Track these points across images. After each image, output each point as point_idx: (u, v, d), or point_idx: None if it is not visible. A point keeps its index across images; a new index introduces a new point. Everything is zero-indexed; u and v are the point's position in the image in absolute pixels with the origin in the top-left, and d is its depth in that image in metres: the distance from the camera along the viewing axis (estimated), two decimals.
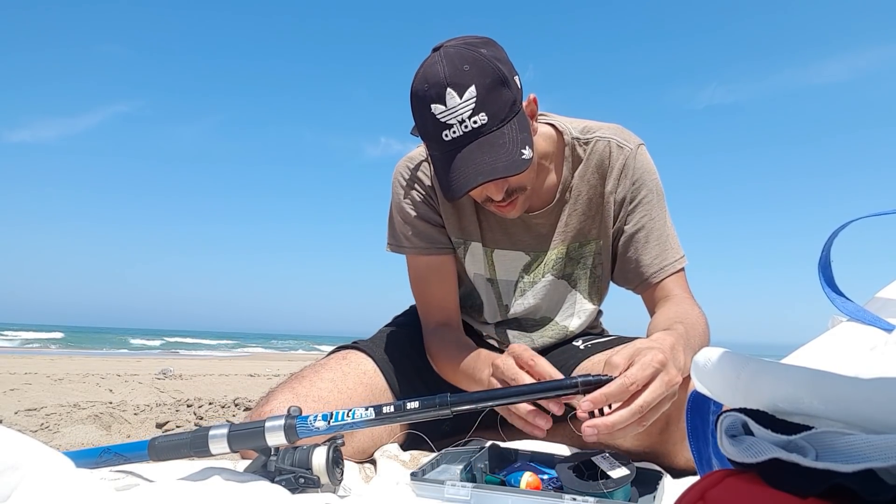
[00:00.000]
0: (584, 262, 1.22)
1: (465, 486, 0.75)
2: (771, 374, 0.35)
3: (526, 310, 1.26)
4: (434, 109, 0.95)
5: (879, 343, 0.47)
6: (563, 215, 1.19)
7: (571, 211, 1.19)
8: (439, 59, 0.96)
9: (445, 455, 0.92)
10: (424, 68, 0.98)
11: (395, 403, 0.78)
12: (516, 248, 1.22)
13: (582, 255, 1.21)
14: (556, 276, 1.22)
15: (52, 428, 1.96)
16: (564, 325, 1.27)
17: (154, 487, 0.75)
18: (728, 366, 0.39)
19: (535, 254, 1.21)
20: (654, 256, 1.14)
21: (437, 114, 0.95)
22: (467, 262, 1.24)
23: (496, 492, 0.75)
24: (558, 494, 0.73)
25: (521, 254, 1.22)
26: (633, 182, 1.15)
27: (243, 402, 2.74)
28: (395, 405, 0.77)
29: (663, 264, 1.14)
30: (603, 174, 1.17)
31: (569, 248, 1.21)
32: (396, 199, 1.22)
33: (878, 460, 0.28)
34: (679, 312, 1.03)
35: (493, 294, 1.26)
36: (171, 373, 5.75)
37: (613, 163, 1.16)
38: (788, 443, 0.32)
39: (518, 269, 1.23)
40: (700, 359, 0.42)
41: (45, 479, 0.65)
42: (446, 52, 0.97)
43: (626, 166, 1.15)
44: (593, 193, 1.18)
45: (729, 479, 0.34)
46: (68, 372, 5.03)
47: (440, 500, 0.76)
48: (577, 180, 1.18)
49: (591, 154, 1.17)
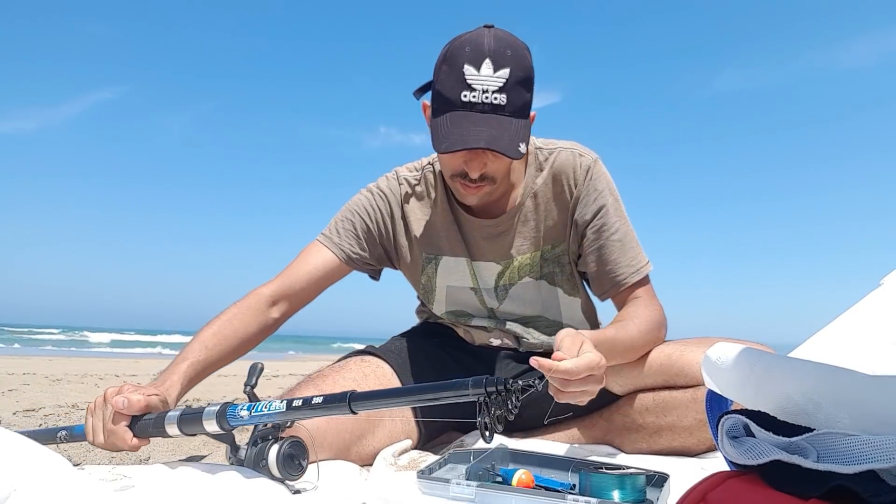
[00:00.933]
0: (558, 261, 1.25)
1: (469, 485, 0.76)
2: (786, 369, 0.35)
3: (511, 311, 1.28)
4: (465, 69, 1.00)
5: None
6: (529, 221, 1.22)
7: (538, 216, 1.22)
8: (487, 33, 1.03)
9: (454, 455, 0.93)
10: (470, 35, 1.03)
11: (304, 398, 0.78)
12: (486, 258, 1.24)
13: (556, 255, 1.24)
14: (535, 278, 1.25)
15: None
16: (555, 320, 1.30)
17: (153, 487, 0.75)
18: (741, 361, 0.38)
19: (506, 262, 1.24)
20: (623, 264, 1.18)
21: (466, 74, 1.00)
22: (439, 277, 1.27)
23: (501, 491, 0.76)
24: (561, 494, 0.74)
25: (492, 264, 1.25)
26: (597, 189, 1.19)
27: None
28: (303, 399, 0.78)
29: (631, 271, 1.18)
30: (567, 180, 1.20)
31: (542, 251, 1.24)
32: (351, 206, 1.27)
33: (878, 461, 0.28)
34: (623, 314, 1.14)
35: (477, 300, 1.29)
36: None
37: (577, 169, 1.20)
38: (789, 444, 0.32)
39: (493, 276, 1.25)
40: (712, 354, 0.42)
41: (44, 479, 0.65)
42: (496, 32, 1.03)
43: (588, 173, 1.20)
44: (559, 199, 1.21)
45: (730, 481, 0.34)
46: (66, 372, 5.03)
47: (446, 498, 0.77)
48: (542, 187, 1.21)
49: (555, 162, 1.21)
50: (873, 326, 0.48)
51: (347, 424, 1.03)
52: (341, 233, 1.25)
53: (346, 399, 0.73)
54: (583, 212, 1.20)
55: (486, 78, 0.99)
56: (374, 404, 0.72)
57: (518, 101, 1.02)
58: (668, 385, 1.13)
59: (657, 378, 1.14)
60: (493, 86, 0.99)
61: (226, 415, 0.81)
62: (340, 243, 1.24)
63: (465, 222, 1.23)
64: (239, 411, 0.79)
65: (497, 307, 1.28)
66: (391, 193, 1.26)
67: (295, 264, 1.24)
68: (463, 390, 0.71)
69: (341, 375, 1.11)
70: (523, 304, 1.27)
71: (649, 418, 1.14)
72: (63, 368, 5.83)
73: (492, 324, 1.29)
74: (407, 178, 1.27)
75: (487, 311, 1.29)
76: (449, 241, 1.25)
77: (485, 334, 1.30)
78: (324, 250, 1.24)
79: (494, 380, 0.70)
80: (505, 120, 1.00)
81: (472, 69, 1.00)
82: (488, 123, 0.99)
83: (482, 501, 0.76)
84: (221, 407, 0.81)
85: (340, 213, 1.28)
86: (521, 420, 1.26)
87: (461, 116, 1.00)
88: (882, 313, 0.48)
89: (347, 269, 1.26)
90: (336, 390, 1.06)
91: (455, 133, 1.00)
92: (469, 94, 1.00)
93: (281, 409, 0.75)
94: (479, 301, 1.28)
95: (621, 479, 0.77)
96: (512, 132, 1.00)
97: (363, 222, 1.25)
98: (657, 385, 1.15)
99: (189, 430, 0.82)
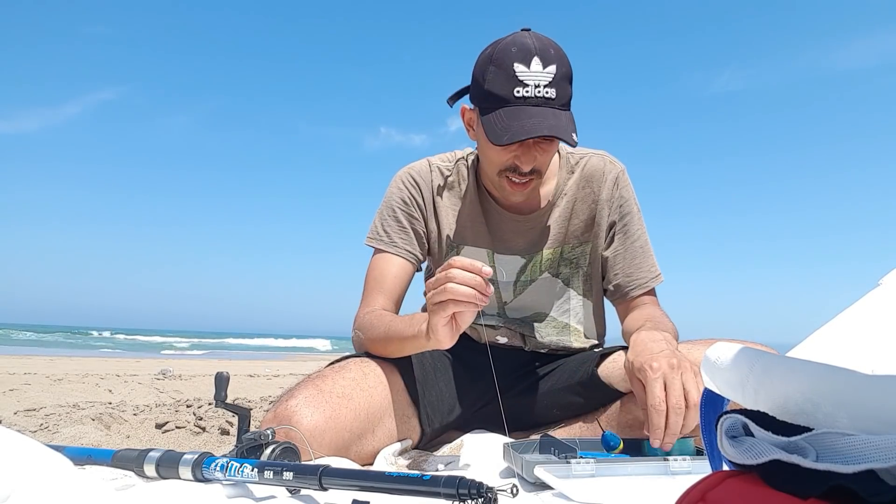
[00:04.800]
0: (577, 262, 1.28)
1: (588, 462, 0.81)
2: (785, 369, 0.35)
3: (523, 306, 1.30)
4: (516, 67, 1.04)
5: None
6: (558, 218, 1.26)
7: (566, 215, 1.26)
8: (529, 35, 1.08)
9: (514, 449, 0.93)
10: (513, 37, 1.08)
11: (275, 468, 0.73)
12: (512, 252, 1.27)
13: (576, 256, 1.27)
14: (552, 275, 1.28)
15: (52, 428, 1.96)
16: (562, 320, 1.31)
17: (153, 487, 0.75)
18: (740, 361, 0.38)
19: (530, 255, 1.27)
20: (644, 269, 1.25)
21: (517, 71, 1.04)
22: None
23: (617, 463, 0.84)
24: (664, 459, 0.85)
25: (517, 257, 1.27)
26: (623, 197, 1.26)
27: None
28: (273, 469, 0.73)
29: (648, 278, 1.24)
30: (598, 184, 1.26)
31: (563, 250, 1.27)
32: (388, 200, 1.29)
33: (878, 461, 0.28)
34: (646, 314, 1.17)
35: (493, 294, 1.29)
36: (171, 373, 5.75)
37: (607, 175, 1.26)
38: (789, 444, 0.32)
39: (515, 270, 1.28)
40: (711, 354, 0.42)
41: (45, 479, 0.65)
42: (536, 34, 1.08)
43: (618, 179, 1.26)
44: (588, 200, 1.26)
45: (729, 480, 0.34)
46: (67, 372, 5.03)
47: (567, 477, 0.80)
48: (572, 187, 1.26)
49: (586, 166, 1.27)
50: (872, 326, 0.48)
51: (347, 423, 1.03)
52: (394, 236, 1.27)
53: (318, 474, 0.71)
54: (610, 216, 1.25)
55: (537, 74, 1.04)
56: (344, 483, 0.69)
57: (565, 96, 1.07)
58: None
59: None
60: (544, 80, 1.04)
61: (201, 467, 0.79)
62: (404, 247, 1.27)
63: (493, 216, 1.27)
64: (213, 469, 0.77)
65: (510, 301, 1.29)
66: (423, 182, 1.29)
67: (381, 279, 1.25)
68: (434, 488, 0.65)
69: (341, 375, 1.11)
70: (536, 300, 1.29)
71: None
72: (64, 368, 5.83)
73: (500, 321, 1.30)
74: (440, 168, 1.30)
75: (499, 306, 1.31)
76: (473, 231, 1.27)
77: (492, 332, 1.31)
78: (394, 258, 1.26)
79: (468, 483, 0.64)
80: (557, 112, 1.05)
81: (522, 66, 1.04)
82: (544, 115, 1.04)
83: (601, 474, 0.82)
84: (198, 457, 0.79)
85: (383, 210, 1.30)
86: (521, 420, 1.27)
87: (516, 111, 1.04)
88: (881, 313, 0.48)
89: (414, 266, 1.30)
90: (336, 389, 1.07)
91: (515, 125, 1.03)
92: (522, 89, 1.04)
93: (253, 477, 0.74)
94: (495, 295, 1.30)
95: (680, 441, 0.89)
96: (565, 122, 1.05)
97: (408, 215, 1.28)
98: None
99: (165, 472, 0.81)
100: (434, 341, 0.94)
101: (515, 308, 1.30)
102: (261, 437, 0.84)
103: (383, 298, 1.23)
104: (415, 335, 1.02)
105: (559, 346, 1.31)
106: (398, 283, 1.25)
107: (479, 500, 0.63)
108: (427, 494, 0.65)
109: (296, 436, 0.95)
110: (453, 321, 0.92)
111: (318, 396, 1.03)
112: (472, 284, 0.87)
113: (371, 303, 1.23)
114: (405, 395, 1.18)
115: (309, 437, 0.96)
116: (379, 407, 1.10)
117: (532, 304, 1.29)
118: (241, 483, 0.75)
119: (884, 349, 0.43)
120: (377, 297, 1.23)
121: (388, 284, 1.24)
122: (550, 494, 0.79)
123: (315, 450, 0.96)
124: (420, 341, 1.00)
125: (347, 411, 1.03)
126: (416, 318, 1.04)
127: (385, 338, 1.12)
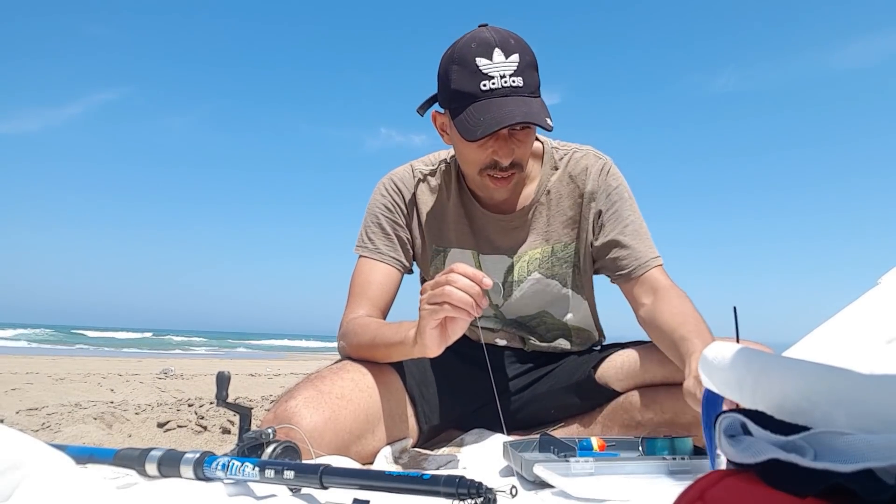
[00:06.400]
0: (569, 259, 1.25)
1: (587, 461, 0.81)
2: (782, 368, 0.35)
3: (518, 307, 1.28)
4: (478, 62, 1.03)
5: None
6: (542, 215, 1.24)
7: (550, 212, 1.24)
8: (487, 29, 1.07)
9: (513, 449, 0.93)
10: (471, 34, 1.07)
11: (277, 467, 0.74)
12: (497, 251, 1.25)
13: (569, 255, 1.25)
14: (545, 275, 1.25)
15: (54, 427, 1.96)
16: (561, 319, 1.29)
17: (154, 485, 0.75)
18: (738, 360, 0.39)
19: (517, 256, 1.25)
20: (642, 249, 1.19)
21: (480, 65, 1.03)
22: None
23: (615, 462, 0.84)
24: (662, 458, 0.85)
25: (503, 257, 1.25)
26: (611, 185, 1.22)
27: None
28: (275, 468, 0.74)
29: (651, 255, 1.19)
30: (582, 178, 1.23)
31: (555, 248, 1.24)
32: (371, 208, 1.28)
33: (876, 460, 0.29)
34: (680, 309, 1.08)
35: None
36: (172, 372, 5.76)
37: (592, 168, 1.22)
38: (787, 443, 0.33)
39: (502, 271, 1.26)
40: (709, 353, 0.42)
41: (47, 477, 0.66)
42: (493, 27, 1.07)
43: (603, 170, 1.23)
44: (573, 195, 1.23)
45: (728, 479, 0.34)
46: (69, 371, 5.04)
47: (566, 475, 0.80)
48: (556, 183, 1.23)
49: (570, 161, 1.24)
50: (870, 325, 0.48)
51: (346, 424, 1.03)
52: (379, 243, 1.26)
53: (318, 473, 0.72)
54: (597, 206, 1.22)
55: (500, 64, 1.03)
56: (345, 482, 0.70)
57: (532, 83, 1.05)
58: (668, 381, 1.13)
59: (657, 373, 1.15)
60: (509, 70, 1.03)
61: (202, 465, 0.79)
62: (388, 254, 1.25)
63: (477, 216, 1.25)
64: (215, 468, 0.78)
65: (502, 304, 1.28)
66: (405, 187, 1.27)
67: (365, 286, 1.24)
68: (434, 487, 0.65)
69: (339, 376, 1.10)
70: (529, 301, 1.27)
71: (648, 415, 1.15)
72: (66, 367, 5.84)
73: (497, 324, 1.29)
74: (422, 171, 1.28)
75: (493, 308, 1.30)
76: (457, 233, 1.26)
77: (490, 334, 1.30)
78: (378, 265, 1.25)
79: (468, 482, 0.64)
80: (527, 99, 1.04)
81: (484, 60, 1.03)
82: (514, 104, 1.02)
83: (600, 472, 0.82)
84: (200, 456, 0.80)
85: (367, 218, 1.29)
86: (519, 420, 1.27)
87: (486, 104, 1.03)
88: (879, 312, 0.48)
89: (401, 273, 1.28)
90: (335, 389, 1.06)
91: (486, 118, 1.02)
92: (488, 82, 1.03)
93: (255, 476, 0.74)
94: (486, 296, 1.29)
95: (672, 442, 0.92)
96: (537, 108, 1.03)
97: (391, 222, 1.26)
98: (657, 381, 1.15)
99: (167, 471, 0.81)
100: (420, 346, 0.94)
101: (511, 311, 1.29)
102: (262, 436, 0.84)
103: (368, 306, 1.21)
104: (402, 341, 1.01)
105: (559, 347, 1.31)
106: (383, 290, 1.24)
107: (478, 499, 0.63)
108: (427, 494, 0.65)
109: (296, 435, 0.96)
110: (443, 328, 0.91)
111: (317, 398, 1.03)
112: (471, 293, 0.86)
113: (355, 310, 1.21)
114: (404, 395, 1.18)
115: (309, 439, 0.96)
116: (378, 407, 1.10)
117: (528, 306, 1.28)
118: (242, 482, 0.76)
119: (882, 348, 0.43)
120: (362, 304, 1.22)
121: (372, 292, 1.23)
122: (550, 493, 0.79)
123: (315, 449, 0.97)
124: (406, 347, 0.99)
125: (347, 412, 1.03)
126: (404, 325, 1.03)
127: (371, 344, 1.11)
